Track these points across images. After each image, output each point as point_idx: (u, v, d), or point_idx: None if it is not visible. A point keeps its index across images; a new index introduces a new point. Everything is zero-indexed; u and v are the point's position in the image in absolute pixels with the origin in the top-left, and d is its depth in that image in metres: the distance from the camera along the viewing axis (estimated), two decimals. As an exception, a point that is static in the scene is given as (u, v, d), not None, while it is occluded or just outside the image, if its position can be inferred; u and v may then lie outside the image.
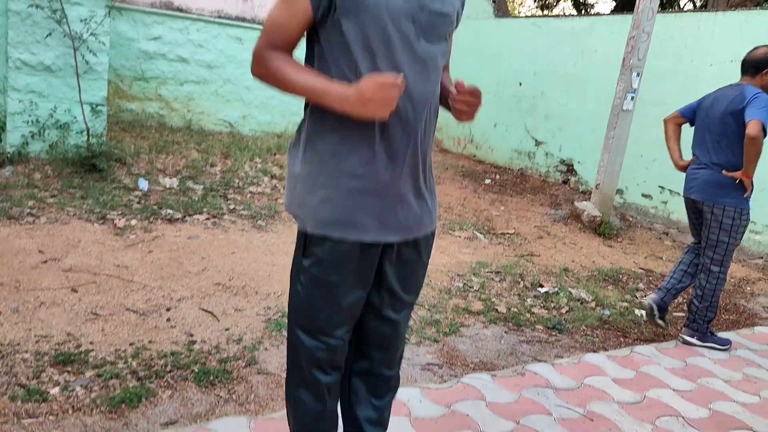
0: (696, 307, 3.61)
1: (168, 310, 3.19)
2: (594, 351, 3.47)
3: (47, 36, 5.01)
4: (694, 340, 3.65)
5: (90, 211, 4.38)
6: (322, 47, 1.53)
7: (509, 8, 14.77)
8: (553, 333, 3.67)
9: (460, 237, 5.36)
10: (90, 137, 5.15)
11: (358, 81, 1.45)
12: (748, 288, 4.95)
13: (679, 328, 3.99)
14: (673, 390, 3.07)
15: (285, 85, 1.51)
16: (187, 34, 7.02)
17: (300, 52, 1.58)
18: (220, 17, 7.28)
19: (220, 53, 7.29)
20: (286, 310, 3.40)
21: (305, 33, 1.56)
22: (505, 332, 3.59)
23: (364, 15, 1.45)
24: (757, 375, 3.39)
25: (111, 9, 5.36)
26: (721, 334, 3.81)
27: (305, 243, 1.60)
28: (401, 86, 1.41)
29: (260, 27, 7.45)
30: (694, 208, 3.78)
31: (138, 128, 6.57)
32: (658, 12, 5.95)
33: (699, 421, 2.80)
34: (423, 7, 1.51)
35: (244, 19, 7.46)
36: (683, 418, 2.81)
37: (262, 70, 1.53)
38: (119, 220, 4.32)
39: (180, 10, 7.01)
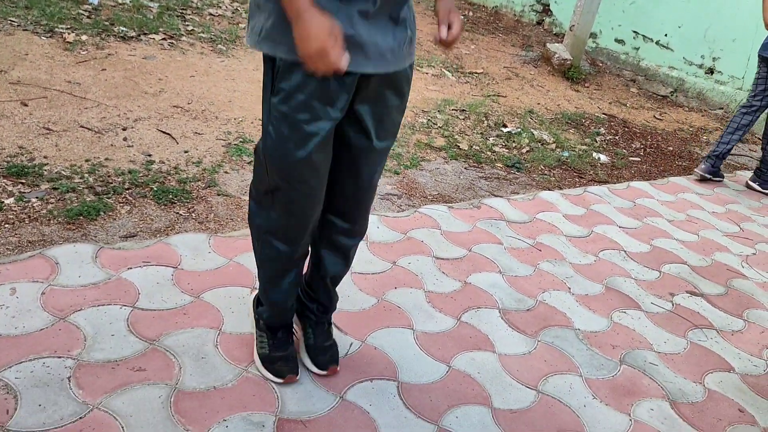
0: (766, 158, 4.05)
1: (124, 129, 3.11)
2: (549, 189, 3.57)
3: None
4: (756, 186, 4.15)
5: (36, 23, 4.09)
6: None
7: None
8: (512, 171, 3.75)
9: (427, 74, 5.25)
10: (30, -59, 4.67)
11: (318, 13, 1.29)
12: (705, 137, 5.07)
13: (633, 172, 4.11)
14: (619, 227, 3.22)
15: None
16: None
17: None
18: None
19: None
20: (246, 135, 3.37)
21: None
22: (465, 168, 3.64)
23: None
24: (699, 216, 3.57)
25: None
26: (672, 179, 3.94)
27: (273, 76, 1.46)
28: (339, 73, 1.30)
29: None
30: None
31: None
32: None
33: (639, 254, 2.97)
34: None
35: None
36: (625, 251, 2.97)
37: None
38: (68, 34, 4.06)
39: None
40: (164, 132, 3.18)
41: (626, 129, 4.89)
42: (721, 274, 2.95)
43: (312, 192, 1.56)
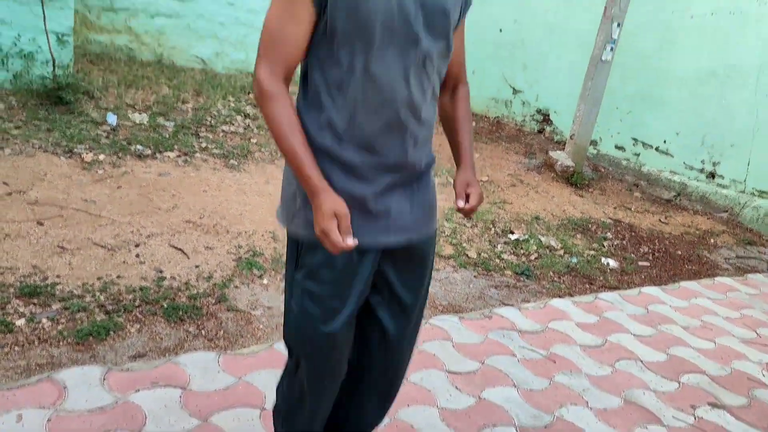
0: None
1: (137, 246, 3.16)
2: (560, 296, 3.55)
3: (9, -42, 4.76)
4: None
5: (56, 144, 4.27)
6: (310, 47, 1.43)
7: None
8: (521, 278, 3.74)
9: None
10: (56, 68, 4.96)
11: (344, 100, 1.38)
12: (712, 240, 5.08)
13: (643, 277, 4.09)
14: (634, 335, 3.16)
15: (274, 134, 1.39)
16: (158, -37, 6.73)
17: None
18: (193, -53, 6.98)
19: (193, -14, 7.02)
20: (257, 249, 3.40)
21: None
22: (475, 276, 3.64)
23: (358, 15, 1.33)
24: (714, 322, 3.51)
25: (77, -68, 5.09)
26: (684, 284, 3.92)
27: (297, 252, 1.50)
28: (334, 252, 1.37)
29: (235, -40, 7.20)
30: None
31: (106, 61, 6.35)
32: (642, -40, 5.87)
33: (656, 364, 2.90)
34: (424, 3, 1.39)
35: (218, -49, 7.17)
36: (641, 361, 2.91)
37: (260, 103, 1.40)
38: (87, 154, 4.22)
39: (151, -63, 6.69)
40: (176, 247, 3.23)
41: (633, 233, 4.92)
42: (742, 383, 2.86)
43: (334, 366, 1.57)
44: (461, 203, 1.59)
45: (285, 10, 1.36)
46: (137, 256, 3.06)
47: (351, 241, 1.35)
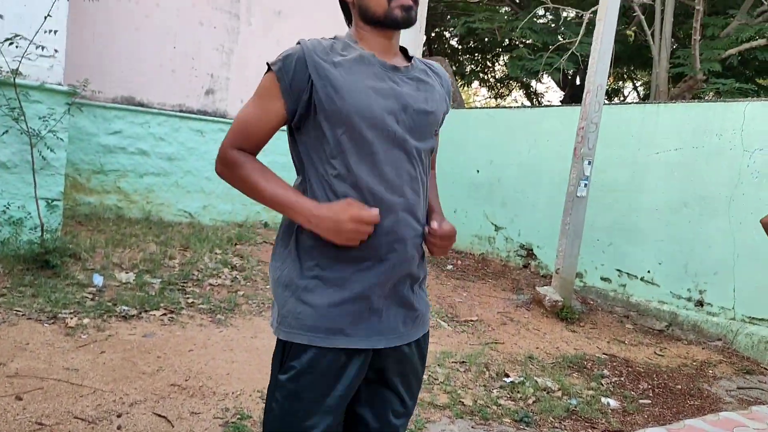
0: None
1: (119, 416, 3.03)
2: (563, 444, 3.40)
3: (3, 133, 4.97)
4: None
5: (40, 311, 4.22)
6: (301, 148, 1.52)
7: (464, 98, 15.40)
8: (521, 426, 3.60)
9: (423, 326, 5.31)
10: (44, 233, 5.03)
11: (338, 197, 1.44)
12: (710, 371, 4.99)
13: (646, 416, 3.96)
14: (644, 484, 3.00)
15: (252, 192, 1.47)
16: (148, 127, 7.07)
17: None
18: (181, 111, 7.38)
19: (181, 146, 7.34)
20: (245, 411, 3.27)
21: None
22: (472, 427, 3.50)
23: (345, 119, 1.44)
24: (725, 464, 3.35)
25: (71, 106, 5.38)
26: (687, 422, 3.79)
27: (283, 355, 1.50)
28: (377, 222, 1.42)
29: (222, 120, 7.61)
30: None
31: (95, 221, 6.46)
32: (604, 104, 6.28)
33: None
34: (406, 106, 1.51)
35: (205, 113, 7.58)
36: None
37: (228, 172, 1.50)
38: (71, 319, 4.16)
39: (141, 104, 7.08)
40: (160, 415, 3.10)
41: (630, 369, 4.83)
42: None
43: None
44: (434, 225, 1.58)
45: (257, 104, 1.51)
46: (119, 427, 2.92)
47: (375, 211, 1.42)
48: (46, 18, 4.92)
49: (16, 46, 4.83)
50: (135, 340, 4.04)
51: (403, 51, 1.64)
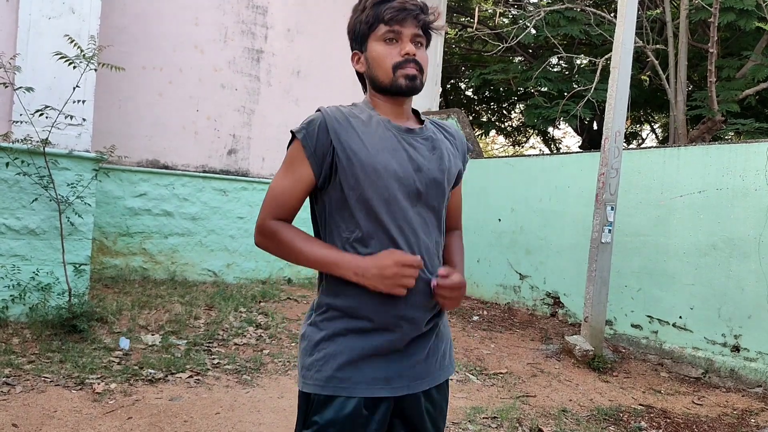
0: None
1: (147, 485, 2.98)
2: (603, 503, 3.26)
3: (33, 201, 5.10)
4: None
5: (68, 377, 4.22)
6: (325, 206, 1.58)
7: (482, 147, 15.50)
8: (558, 485, 3.47)
9: (452, 379, 5.21)
10: (72, 297, 5.09)
11: (375, 253, 1.49)
12: (752, 420, 4.79)
13: (688, 470, 3.79)
14: None
15: (295, 257, 1.53)
16: (173, 189, 7.20)
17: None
18: (204, 171, 7.52)
19: (204, 205, 7.45)
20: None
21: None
22: (508, 487, 3.38)
23: (363, 180, 1.51)
24: None
25: (98, 171, 5.51)
26: (733, 476, 3.62)
27: (306, 409, 1.52)
28: (421, 266, 1.47)
29: (244, 179, 7.73)
30: None
31: (121, 284, 6.53)
32: (623, 149, 6.27)
33: None
34: (421, 167, 1.58)
35: (228, 172, 7.72)
36: None
37: (267, 242, 1.56)
38: (98, 384, 4.16)
39: (166, 167, 7.24)
40: (188, 483, 3.04)
41: (668, 420, 4.66)
42: None
43: None
44: (443, 271, 1.57)
45: (287, 172, 1.57)
46: (147, 497, 2.87)
47: (418, 257, 1.47)
48: (74, 89, 5.10)
49: (46, 117, 5.00)
50: (162, 404, 4.01)
51: (416, 113, 1.74)
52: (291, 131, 1.59)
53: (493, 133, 17.66)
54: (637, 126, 16.54)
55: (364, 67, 1.66)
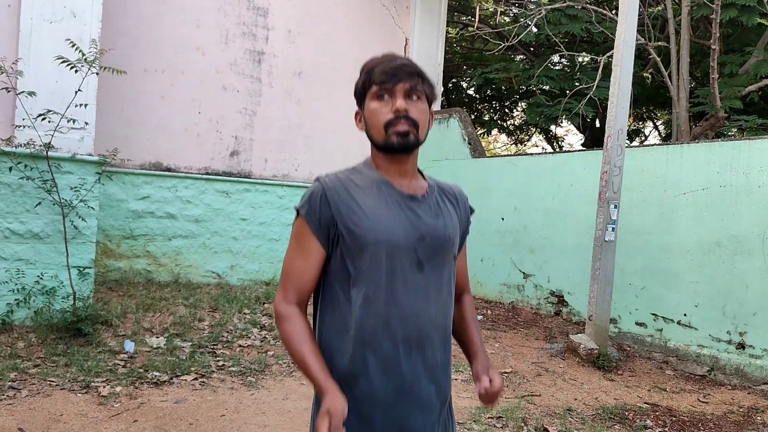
0: None
1: (153, 488, 2.99)
2: (609, 503, 3.25)
3: (37, 205, 5.11)
4: None
5: (73, 380, 4.23)
6: (326, 271, 1.61)
7: (484, 146, 15.49)
8: (564, 484, 3.46)
9: (456, 380, 5.21)
10: (76, 301, 5.10)
11: (361, 325, 1.53)
12: (758, 417, 4.78)
13: (694, 469, 3.78)
14: None
15: (287, 349, 1.56)
16: (176, 191, 7.21)
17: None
18: (207, 173, 7.53)
19: (207, 207, 7.45)
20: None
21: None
22: (514, 487, 3.38)
23: (366, 252, 1.53)
24: None
25: (101, 175, 5.52)
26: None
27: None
28: None
29: (247, 180, 7.73)
30: None
31: (125, 286, 6.54)
32: (626, 146, 6.25)
33: None
34: (423, 236, 1.58)
35: (230, 174, 7.72)
36: None
37: (277, 324, 1.59)
38: (103, 387, 4.16)
39: (169, 169, 7.25)
40: (194, 486, 3.05)
41: (674, 418, 4.65)
42: None
43: None
44: (486, 382, 1.62)
45: (296, 248, 1.59)
46: (153, 500, 2.88)
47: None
48: (76, 93, 5.11)
49: (49, 121, 5.01)
50: (167, 407, 4.01)
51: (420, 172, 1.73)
52: (295, 208, 1.61)
53: (495, 131, 17.63)
54: (640, 123, 16.50)
55: (363, 126, 1.64)
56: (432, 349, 1.59)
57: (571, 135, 20.28)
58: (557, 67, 12.61)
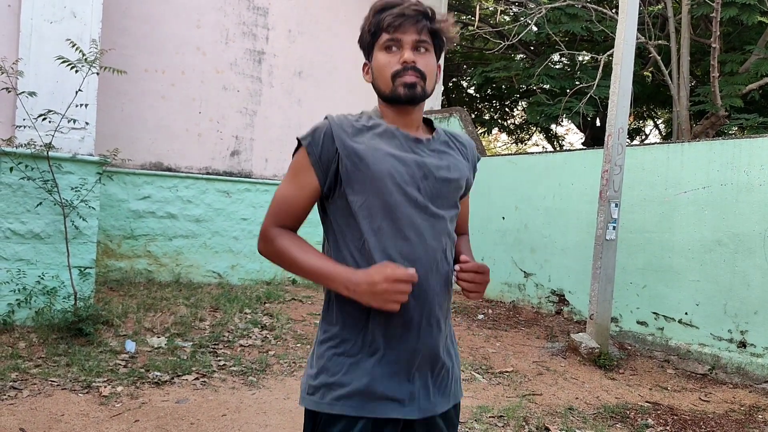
0: None
1: (155, 488, 2.99)
2: (611, 502, 3.25)
3: (38, 205, 5.11)
4: None
5: (75, 380, 4.23)
6: (330, 218, 1.57)
7: (484, 145, 15.48)
8: (566, 483, 3.46)
9: (457, 379, 5.20)
10: (77, 301, 5.10)
11: (367, 264, 1.47)
12: (760, 416, 4.78)
13: (696, 467, 3.78)
14: None
15: (290, 266, 1.52)
16: (176, 191, 7.21)
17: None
18: (208, 173, 7.53)
19: (208, 207, 7.46)
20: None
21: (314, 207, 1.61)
22: (515, 486, 3.38)
23: (369, 186, 1.49)
24: None
25: (102, 175, 5.52)
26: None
27: (313, 428, 1.50)
28: (414, 280, 1.42)
29: (247, 180, 7.74)
30: None
31: (126, 286, 6.54)
32: (627, 145, 6.25)
33: None
34: (427, 174, 1.55)
35: (231, 174, 7.72)
36: None
37: (268, 248, 1.55)
38: (104, 387, 4.16)
39: (169, 169, 7.25)
40: (196, 485, 3.05)
41: (675, 417, 4.65)
42: None
43: None
44: (464, 257, 1.59)
45: (292, 179, 1.56)
46: (155, 500, 2.88)
47: (411, 270, 1.41)
48: (77, 93, 5.11)
49: (49, 121, 5.01)
50: (168, 406, 4.01)
51: (428, 122, 1.71)
52: (297, 138, 1.57)
53: (495, 131, 17.63)
54: (641, 122, 16.49)
55: (371, 77, 1.63)
56: (437, 289, 1.55)
57: (571, 134, 20.28)
58: (557, 66, 12.61)
